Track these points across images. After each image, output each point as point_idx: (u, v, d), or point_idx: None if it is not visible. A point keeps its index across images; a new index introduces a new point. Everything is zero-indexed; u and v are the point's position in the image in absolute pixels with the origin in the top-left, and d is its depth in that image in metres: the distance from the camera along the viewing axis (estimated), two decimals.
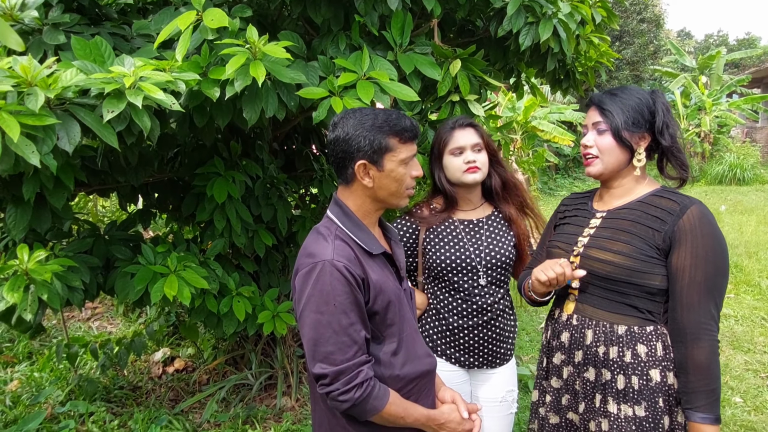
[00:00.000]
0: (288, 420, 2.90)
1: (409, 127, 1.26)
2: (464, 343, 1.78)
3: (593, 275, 1.45)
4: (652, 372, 1.38)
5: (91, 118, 1.37)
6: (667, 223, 1.37)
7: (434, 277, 1.78)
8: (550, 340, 1.59)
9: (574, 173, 14.51)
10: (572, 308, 1.52)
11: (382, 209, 1.35)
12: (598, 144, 1.46)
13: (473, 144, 1.74)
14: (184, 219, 2.93)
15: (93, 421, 2.88)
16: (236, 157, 2.63)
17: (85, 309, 5.21)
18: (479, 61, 2.00)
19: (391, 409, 1.23)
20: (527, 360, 3.80)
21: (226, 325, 2.53)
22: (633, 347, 1.40)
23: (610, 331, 1.43)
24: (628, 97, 1.44)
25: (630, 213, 1.45)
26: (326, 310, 1.17)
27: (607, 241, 1.44)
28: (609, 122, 1.43)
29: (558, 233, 1.63)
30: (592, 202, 1.60)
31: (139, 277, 2.11)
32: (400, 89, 1.69)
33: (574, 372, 1.51)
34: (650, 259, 1.37)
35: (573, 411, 1.53)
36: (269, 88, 1.68)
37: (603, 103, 1.45)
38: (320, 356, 1.18)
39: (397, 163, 1.26)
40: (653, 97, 1.46)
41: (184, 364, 3.74)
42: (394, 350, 1.29)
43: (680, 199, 1.40)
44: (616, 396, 1.41)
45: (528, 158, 10.02)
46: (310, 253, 1.23)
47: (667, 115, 1.43)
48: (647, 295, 1.40)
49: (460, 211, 1.82)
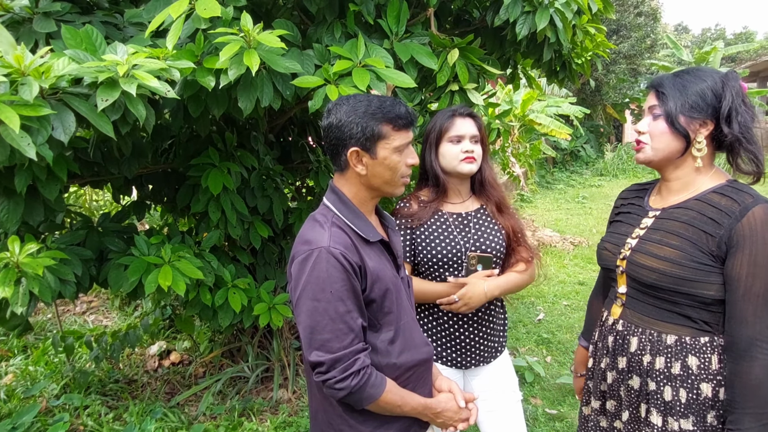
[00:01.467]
0: (284, 412, 2.90)
1: (403, 114, 1.24)
2: (459, 342, 1.77)
3: (639, 282, 1.33)
4: (703, 386, 1.26)
5: (86, 107, 1.35)
6: (723, 227, 1.21)
7: (423, 272, 1.77)
8: (597, 342, 1.51)
9: (572, 167, 14.53)
10: (619, 313, 1.42)
11: (378, 197, 1.34)
12: (651, 129, 1.32)
13: (472, 135, 1.73)
14: (179, 211, 2.91)
15: (88, 414, 2.87)
16: (231, 148, 2.61)
17: (80, 302, 5.19)
18: (477, 50, 1.98)
19: (388, 398, 1.22)
20: (524, 351, 3.81)
21: (221, 318, 2.52)
22: (683, 359, 1.28)
23: (657, 341, 1.31)
24: (693, 79, 1.29)
25: (684, 213, 1.30)
26: (323, 298, 1.16)
27: (655, 245, 1.31)
28: (663, 106, 1.29)
29: (610, 231, 1.51)
30: (649, 197, 1.46)
31: (132, 269, 2.09)
32: (396, 76, 1.67)
33: (618, 378, 1.42)
34: (703, 266, 1.23)
35: (618, 419, 1.44)
36: (264, 77, 1.66)
37: (661, 85, 1.31)
38: (317, 344, 1.17)
39: (391, 150, 1.24)
40: (724, 79, 1.27)
41: (180, 357, 3.72)
42: (391, 338, 1.28)
43: (743, 198, 1.22)
44: (662, 408, 1.31)
45: (525, 151, 10.01)
46: (307, 240, 1.21)
47: (736, 101, 1.25)
48: (701, 304, 1.26)
49: (449, 203, 1.81)
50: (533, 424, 2.89)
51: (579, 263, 6.04)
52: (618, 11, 13.86)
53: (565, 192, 11.55)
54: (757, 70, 18.46)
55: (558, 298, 4.97)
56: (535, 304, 4.83)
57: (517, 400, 1.86)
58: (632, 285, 1.37)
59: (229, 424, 2.72)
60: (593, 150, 15.29)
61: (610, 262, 1.44)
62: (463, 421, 1.38)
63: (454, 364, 1.79)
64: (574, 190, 11.68)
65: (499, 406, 1.82)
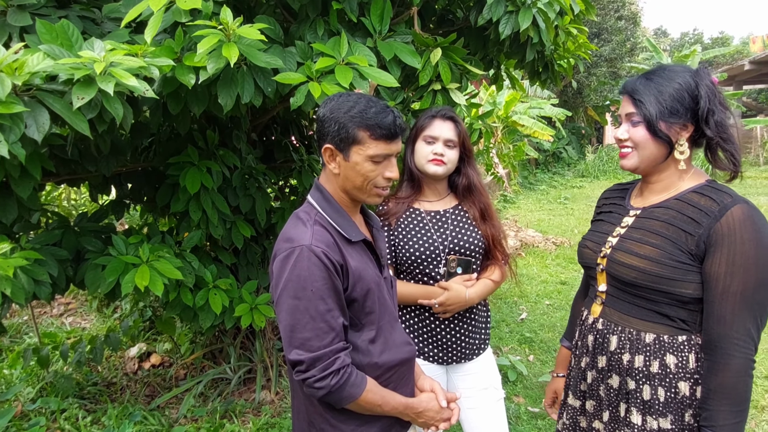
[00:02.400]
0: (267, 413, 2.87)
1: (385, 124, 1.19)
2: (441, 338, 1.78)
3: (619, 280, 1.34)
4: (681, 384, 1.27)
5: (61, 105, 1.31)
6: (702, 226, 1.22)
7: (404, 271, 1.78)
8: (577, 341, 1.51)
9: (554, 168, 14.68)
10: (599, 311, 1.42)
11: (355, 200, 1.31)
12: (633, 136, 1.31)
13: (447, 139, 1.73)
14: (159, 210, 2.86)
15: (65, 418, 2.80)
16: (213, 146, 2.58)
17: (57, 304, 5.09)
18: (460, 50, 1.99)
19: (368, 397, 1.21)
20: (507, 351, 3.83)
21: (202, 319, 2.49)
22: (661, 357, 1.28)
23: (636, 339, 1.32)
24: (667, 81, 1.27)
25: (665, 212, 1.30)
26: (303, 296, 1.15)
27: (635, 243, 1.31)
28: (642, 113, 1.28)
29: (591, 230, 1.51)
30: (630, 197, 1.46)
31: (110, 269, 2.05)
32: (379, 75, 1.66)
33: (597, 377, 1.42)
34: (681, 265, 1.24)
35: (598, 419, 1.43)
36: (245, 73, 1.64)
37: (635, 91, 1.29)
38: (297, 342, 1.16)
39: (365, 158, 1.21)
40: (696, 79, 1.27)
41: (160, 359, 3.67)
42: (373, 338, 1.28)
43: (722, 198, 1.23)
44: (641, 407, 1.31)
45: (508, 152, 10.08)
46: (289, 238, 1.20)
47: (712, 101, 1.25)
48: (679, 303, 1.26)
49: (425, 201, 1.82)
50: (516, 422, 2.90)
51: (561, 263, 6.10)
52: (599, 15, 14.05)
53: (548, 193, 11.67)
54: (734, 74, 18.87)
55: (540, 297, 5.01)
56: (518, 303, 4.86)
57: (499, 398, 1.87)
58: (612, 283, 1.37)
59: (211, 426, 2.69)
60: (575, 152, 15.47)
61: (590, 261, 1.44)
62: (444, 420, 1.38)
63: (437, 360, 1.79)
64: (556, 191, 11.80)
65: (481, 404, 1.83)
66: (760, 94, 23.12)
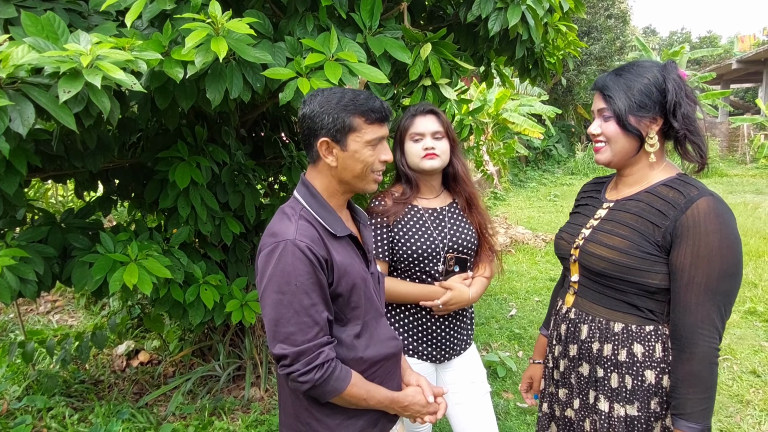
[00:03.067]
0: (256, 410, 2.86)
1: (377, 108, 1.23)
2: (435, 336, 1.79)
3: (590, 271, 1.38)
4: (647, 373, 1.31)
5: (46, 98, 1.29)
6: (669, 218, 1.26)
7: (401, 269, 1.78)
8: (552, 330, 1.55)
9: (544, 165, 14.75)
10: (572, 301, 1.47)
11: (350, 192, 1.32)
12: (605, 131, 1.35)
13: (433, 131, 1.74)
14: (147, 206, 2.84)
15: (52, 416, 2.78)
16: (201, 142, 2.56)
17: (44, 302, 5.03)
18: (450, 45, 1.98)
19: (353, 391, 1.22)
20: (496, 347, 3.85)
21: (192, 315, 2.47)
22: (629, 346, 1.32)
23: (605, 328, 1.36)
24: (635, 77, 1.31)
25: (635, 205, 1.35)
26: (287, 290, 1.15)
27: (605, 235, 1.35)
28: (612, 108, 1.32)
29: (568, 222, 1.56)
30: (606, 190, 1.51)
31: (97, 267, 2.03)
32: (369, 71, 1.65)
33: (569, 365, 1.46)
34: (648, 256, 1.27)
35: (570, 407, 1.48)
36: (234, 68, 1.63)
37: (606, 87, 1.33)
38: (281, 337, 1.16)
39: (362, 144, 1.23)
40: (664, 73, 1.31)
41: (149, 356, 3.64)
42: (358, 333, 1.28)
43: (688, 190, 1.27)
44: (608, 394, 1.36)
45: (499, 149, 10.11)
46: (273, 233, 1.21)
47: (679, 94, 1.28)
48: (646, 293, 1.31)
49: (422, 198, 1.82)
50: (505, 417, 2.92)
51: (551, 260, 6.14)
52: (589, 13, 14.13)
53: (538, 190, 11.73)
54: (720, 74, 19.09)
55: (530, 294, 5.04)
56: (507, 300, 4.88)
57: (486, 391, 1.89)
58: (584, 273, 1.41)
59: (200, 423, 2.67)
60: (565, 149, 15.56)
61: (565, 252, 1.49)
62: (430, 414, 1.39)
63: (430, 359, 1.80)
64: (546, 189, 11.86)
65: (468, 398, 1.85)
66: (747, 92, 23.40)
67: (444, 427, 2.76)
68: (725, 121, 17.91)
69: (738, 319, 4.24)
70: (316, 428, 1.27)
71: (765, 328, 4.06)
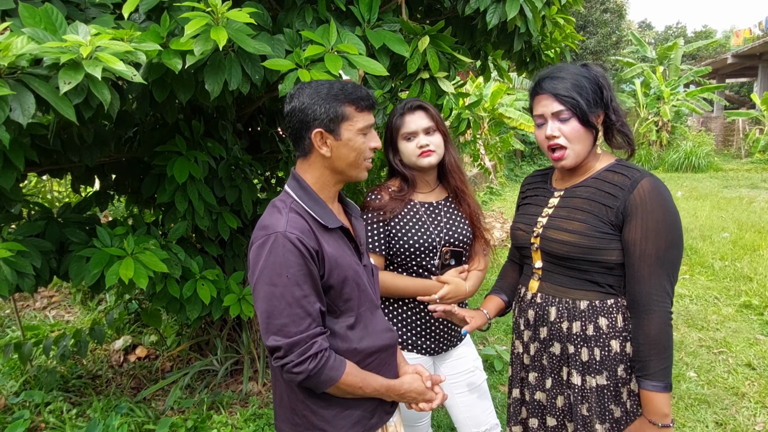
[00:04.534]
0: (254, 404, 2.87)
1: (365, 96, 1.25)
2: (434, 328, 1.80)
3: (553, 255, 1.45)
4: (613, 342, 1.41)
5: (46, 89, 1.28)
6: (619, 199, 1.37)
7: (398, 263, 1.78)
8: (517, 318, 1.61)
9: (539, 160, 14.76)
10: (536, 287, 1.53)
11: (342, 182, 1.33)
12: (565, 133, 1.40)
13: (425, 128, 1.73)
14: (144, 201, 2.83)
15: (49, 411, 2.77)
16: (198, 137, 2.55)
17: (41, 297, 5.02)
18: (448, 38, 1.98)
19: (348, 380, 1.22)
20: (493, 341, 3.86)
21: (189, 310, 2.47)
22: (595, 320, 1.41)
23: (572, 307, 1.44)
24: (579, 77, 1.40)
25: (585, 190, 1.44)
26: (279, 282, 1.16)
27: (563, 220, 1.44)
28: (572, 108, 1.38)
29: (520, 214, 1.63)
30: (551, 181, 1.60)
31: (94, 261, 2.02)
32: (368, 63, 1.65)
33: (540, 348, 1.52)
34: (605, 235, 1.37)
35: (540, 390, 1.55)
36: (233, 59, 1.62)
37: (557, 89, 1.39)
38: (274, 329, 1.17)
39: (355, 132, 1.25)
40: (596, 73, 1.42)
41: (146, 351, 3.64)
42: (351, 324, 1.29)
43: (631, 173, 1.39)
44: (580, 368, 1.43)
45: (495, 143, 10.11)
46: (264, 226, 1.21)
47: (610, 89, 1.42)
48: (606, 270, 1.40)
49: (419, 193, 1.82)
50: (501, 410, 2.93)
51: None
52: (585, 7, 14.13)
53: None
54: (716, 68, 19.13)
55: None
56: None
57: (483, 378, 1.92)
58: (546, 259, 1.49)
59: (198, 417, 2.68)
60: None
61: (524, 241, 1.55)
62: (427, 401, 1.39)
63: (428, 352, 1.81)
64: None
65: (466, 388, 1.87)
66: (742, 87, 23.46)
67: (442, 421, 2.78)
68: (720, 116, 17.97)
69: (733, 312, 4.27)
70: (312, 420, 1.28)
71: (760, 321, 4.09)
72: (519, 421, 1.63)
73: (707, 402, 2.97)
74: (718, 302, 4.51)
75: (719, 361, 3.46)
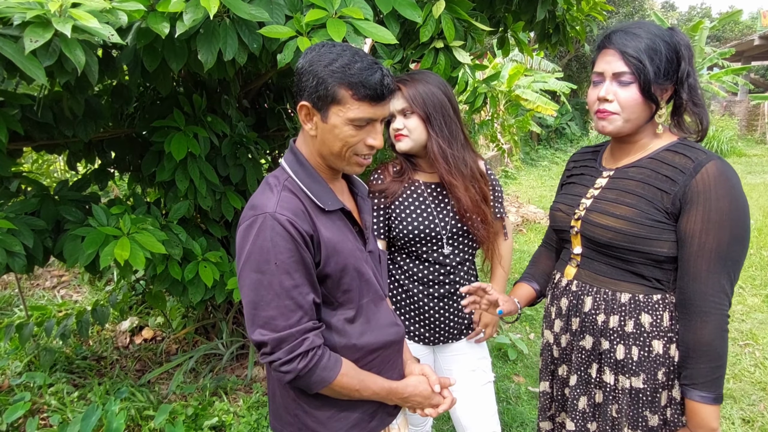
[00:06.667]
0: (258, 391, 2.78)
1: (372, 84, 1.03)
2: (429, 316, 1.67)
3: (594, 242, 1.31)
4: (655, 343, 1.26)
5: (12, 48, 1.16)
6: (678, 183, 1.20)
7: (398, 247, 1.66)
8: (549, 306, 1.47)
9: (556, 144, 14.46)
10: (573, 274, 1.39)
11: (332, 169, 1.17)
12: (620, 99, 1.23)
13: (399, 109, 1.57)
14: (146, 180, 2.73)
15: (51, 393, 2.72)
16: (200, 112, 2.42)
17: (50, 277, 5.00)
18: (465, 2, 1.81)
19: (344, 381, 1.09)
20: (507, 329, 3.74)
21: (191, 293, 2.38)
22: (636, 316, 1.27)
23: (611, 299, 1.30)
24: (652, 39, 1.20)
25: (639, 172, 1.28)
26: (267, 270, 1.02)
27: (610, 204, 1.29)
28: (637, 74, 1.19)
29: (562, 194, 1.47)
30: (602, 158, 1.43)
31: (89, 241, 1.92)
32: (375, 30, 1.50)
33: (571, 340, 1.39)
34: (657, 224, 1.22)
35: (567, 386, 1.42)
36: (228, 26, 1.48)
37: (626, 47, 1.20)
38: (260, 321, 1.04)
39: (344, 120, 1.05)
40: (678, 39, 1.22)
41: (153, 333, 3.58)
42: (351, 318, 1.15)
43: (696, 155, 1.21)
44: (613, 366, 1.30)
45: (511, 125, 9.87)
46: (253, 206, 1.08)
47: (690, 62, 1.23)
48: (654, 263, 1.25)
49: (423, 172, 1.68)
50: (516, 402, 2.82)
51: None
52: None
53: (550, 169, 11.49)
54: (741, 50, 18.47)
55: None
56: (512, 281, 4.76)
57: (487, 381, 1.76)
58: (587, 245, 1.35)
59: (199, 404, 2.60)
60: (578, 127, 15.22)
61: (564, 224, 1.41)
62: (433, 406, 1.25)
63: (423, 340, 1.70)
64: (558, 168, 11.62)
65: (467, 387, 1.72)
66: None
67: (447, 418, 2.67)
68: (745, 100, 17.39)
69: (759, 303, 4.09)
70: (305, 421, 1.16)
71: None
72: (548, 416, 1.51)
73: (733, 397, 2.82)
74: (743, 292, 4.32)
75: (745, 354, 3.30)
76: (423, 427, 1.80)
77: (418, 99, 1.55)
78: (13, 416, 2.39)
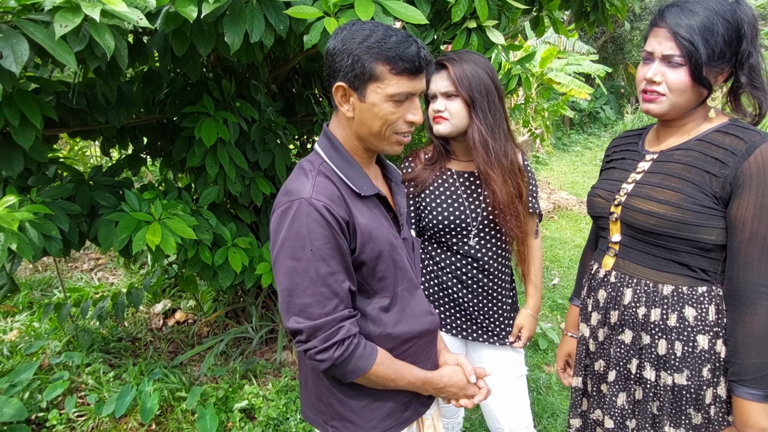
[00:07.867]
0: (287, 375, 2.81)
1: (409, 56, 1.00)
2: (461, 308, 1.64)
3: (635, 229, 1.24)
4: (700, 338, 1.19)
5: (43, 34, 1.16)
6: (729, 166, 1.12)
7: (428, 237, 1.63)
8: (585, 298, 1.41)
9: (589, 129, 14.08)
10: (611, 264, 1.32)
11: (370, 151, 1.14)
12: (669, 81, 1.15)
13: (443, 91, 1.50)
14: (177, 165, 2.76)
15: (88, 373, 2.81)
16: (229, 97, 2.42)
17: (88, 259, 5.15)
18: None
19: (379, 371, 1.07)
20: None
21: (222, 278, 2.40)
22: (680, 310, 1.20)
23: (653, 291, 1.23)
24: (709, 17, 1.10)
25: (685, 155, 1.20)
26: (302, 256, 1.00)
27: (653, 188, 1.21)
28: (688, 57, 1.11)
29: (602, 179, 1.40)
30: (644, 142, 1.34)
31: (122, 226, 1.95)
32: (405, 10, 1.45)
33: (609, 334, 1.33)
34: (705, 209, 1.14)
35: (605, 382, 1.36)
36: (254, 8, 1.46)
37: (678, 26, 1.12)
38: (296, 309, 1.02)
39: (384, 97, 1.02)
40: (741, 15, 1.11)
41: (185, 316, 3.66)
42: (386, 306, 1.12)
43: (749, 136, 1.12)
44: (654, 362, 1.23)
45: (543, 109, 9.63)
46: (288, 191, 1.05)
47: (754, 42, 1.12)
48: (700, 251, 1.17)
49: (457, 161, 1.62)
50: (546, 392, 2.78)
51: None
52: None
53: (582, 155, 11.20)
54: None
55: (573, 262, 4.80)
56: (549, 268, 4.67)
57: (520, 374, 1.72)
58: (627, 232, 1.27)
59: (230, 386, 2.64)
60: (613, 111, 14.77)
61: (602, 210, 1.34)
62: (468, 397, 1.23)
63: (452, 330, 1.66)
64: (592, 153, 11.32)
65: (499, 381, 1.68)
66: None
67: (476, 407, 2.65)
68: None
69: None
70: (339, 409, 1.15)
71: None
72: (579, 413, 1.45)
73: None
74: None
75: None
76: (455, 418, 1.77)
77: (464, 81, 1.47)
78: (53, 394, 2.48)
